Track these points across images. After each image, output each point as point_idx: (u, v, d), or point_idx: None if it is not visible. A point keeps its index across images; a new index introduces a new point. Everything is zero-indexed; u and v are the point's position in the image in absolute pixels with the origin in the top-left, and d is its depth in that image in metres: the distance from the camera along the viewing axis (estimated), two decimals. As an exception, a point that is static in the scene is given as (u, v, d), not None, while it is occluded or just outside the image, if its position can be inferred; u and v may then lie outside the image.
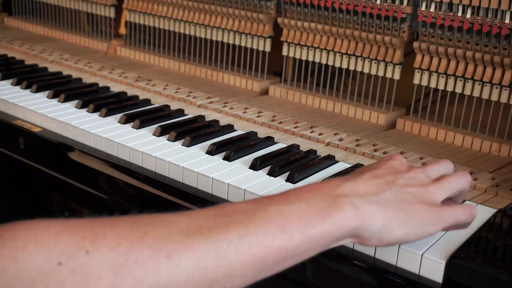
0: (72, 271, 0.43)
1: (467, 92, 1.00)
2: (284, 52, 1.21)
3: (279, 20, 1.19)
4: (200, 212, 0.52)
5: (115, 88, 1.23)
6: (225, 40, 1.29)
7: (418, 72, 1.05)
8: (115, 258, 0.45)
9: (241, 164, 0.87)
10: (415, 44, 1.03)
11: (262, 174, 0.84)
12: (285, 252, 0.51)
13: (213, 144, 0.91)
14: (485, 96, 0.98)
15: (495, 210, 0.76)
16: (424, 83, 1.04)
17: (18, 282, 0.43)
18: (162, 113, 1.06)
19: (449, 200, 0.66)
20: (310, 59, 1.17)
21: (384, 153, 0.94)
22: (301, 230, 0.52)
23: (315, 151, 0.93)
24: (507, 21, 0.92)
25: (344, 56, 1.13)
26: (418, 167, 0.65)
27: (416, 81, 1.05)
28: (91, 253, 0.44)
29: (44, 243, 0.44)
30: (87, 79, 1.29)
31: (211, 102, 1.15)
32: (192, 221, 0.49)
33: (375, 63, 1.09)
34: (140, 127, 0.99)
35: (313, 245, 0.53)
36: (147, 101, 1.14)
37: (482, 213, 0.76)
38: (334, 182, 0.58)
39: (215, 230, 0.49)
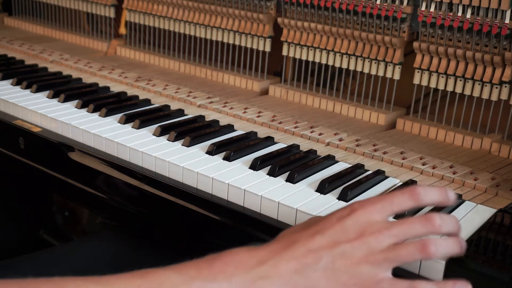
0: None
1: (467, 92, 1.00)
2: (284, 52, 1.21)
3: (279, 20, 1.19)
4: (123, 282, 0.51)
5: (115, 88, 1.23)
6: (225, 40, 1.29)
7: (418, 72, 1.05)
8: None
9: (241, 164, 0.87)
10: (415, 44, 1.03)
11: (262, 174, 0.84)
12: None
13: (213, 144, 0.91)
14: (485, 96, 0.98)
15: (495, 210, 0.76)
16: (424, 83, 1.04)
17: None
18: (162, 113, 1.06)
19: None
20: (310, 59, 1.17)
21: (384, 153, 0.94)
22: None
23: (315, 151, 0.93)
24: (507, 21, 0.92)
25: (344, 56, 1.13)
26: (381, 229, 0.57)
27: (416, 81, 1.05)
28: None
29: None
30: (87, 79, 1.29)
31: (211, 102, 1.15)
32: (96, 285, 0.49)
33: (375, 63, 1.09)
34: (140, 127, 0.99)
35: None
36: (147, 101, 1.14)
37: (482, 213, 0.76)
38: (260, 254, 0.57)
39: None
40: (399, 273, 0.66)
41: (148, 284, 0.51)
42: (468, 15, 0.95)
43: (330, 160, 0.90)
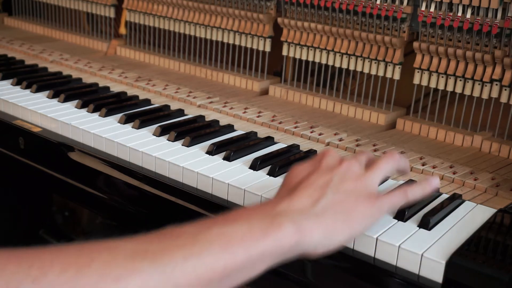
0: None
1: (467, 92, 1.00)
2: (284, 52, 1.21)
3: (279, 20, 1.19)
4: (144, 237, 0.52)
5: (115, 88, 1.23)
6: (225, 40, 1.29)
7: (418, 72, 1.05)
8: (62, 285, 0.45)
9: (241, 164, 0.87)
10: (415, 44, 1.03)
11: (262, 174, 0.84)
12: (230, 271, 0.53)
13: (213, 144, 0.91)
14: (485, 96, 0.98)
15: (495, 210, 0.76)
16: (424, 83, 1.04)
17: None
18: (162, 113, 1.06)
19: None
20: (310, 59, 1.17)
21: (384, 153, 0.94)
22: (244, 249, 0.53)
23: (315, 151, 0.93)
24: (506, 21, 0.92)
25: (344, 56, 1.13)
26: (350, 157, 0.68)
27: (416, 81, 1.05)
28: (38, 281, 0.45)
29: None
30: (87, 79, 1.29)
31: (211, 102, 1.15)
32: (137, 245, 0.50)
33: (375, 63, 1.09)
34: (140, 127, 0.99)
35: (256, 264, 0.55)
36: (147, 101, 1.14)
37: (482, 213, 0.76)
38: (272, 202, 0.61)
39: (160, 253, 0.50)
40: (400, 272, 0.66)
41: (168, 240, 0.52)
42: (468, 15, 0.95)
43: (330, 160, 0.89)
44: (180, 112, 1.09)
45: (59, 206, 1.55)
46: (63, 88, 1.17)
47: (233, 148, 0.90)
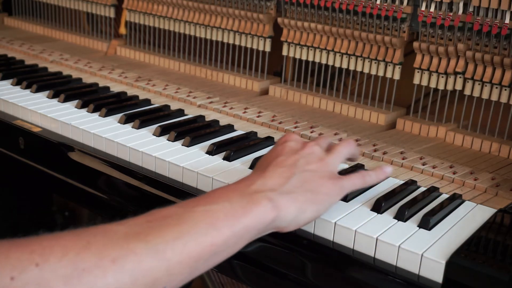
0: (24, 284, 0.46)
1: (467, 92, 1.00)
2: (284, 52, 1.21)
3: (279, 20, 1.19)
4: (133, 220, 0.56)
5: (115, 88, 1.23)
6: (225, 40, 1.29)
7: (418, 72, 1.05)
8: (64, 268, 0.48)
9: (241, 164, 0.87)
10: (415, 44, 1.03)
11: (262, 174, 0.84)
12: (216, 247, 0.57)
13: (213, 144, 0.91)
14: (485, 96, 0.98)
15: (495, 210, 0.76)
16: (424, 83, 1.04)
17: None
18: (162, 113, 1.06)
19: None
20: (310, 59, 1.17)
21: (384, 153, 0.94)
22: (228, 226, 0.58)
23: (315, 151, 0.93)
24: (507, 21, 0.92)
25: (344, 56, 1.13)
26: (311, 141, 0.73)
27: (416, 81, 1.05)
28: (41, 266, 0.47)
29: None
30: (87, 79, 1.29)
31: (211, 102, 1.15)
32: (129, 228, 0.54)
33: (375, 63, 1.09)
34: (140, 127, 0.99)
35: (239, 239, 0.59)
36: (147, 101, 1.14)
37: (482, 213, 0.76)
38: (247, 181, 0.65)
39: (151, 234, 0.53)
40: (400, 272, 0.66)
41: (157, 221, 0.56)
42: (461, 12, 0.95)
43: (330, 160, 0.89)
44: (180, 112, 1.09)
45: (59, 206, 1.56)
46: (63, 88, 1.17)
47: (233, 148, 0.90)
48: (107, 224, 0.54)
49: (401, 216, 0.72)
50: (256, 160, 0.86)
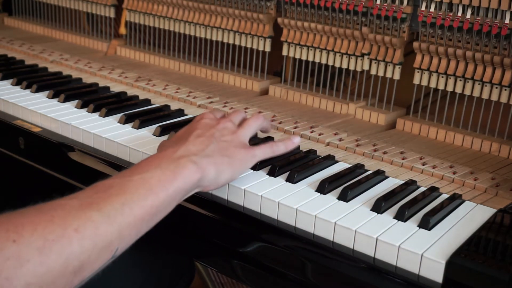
0: (6, 259, 0.52)
1: (467, 92, 1.00)
2: (284, 52, 1.21)
3: (279, 20, 1.19)
4: (82, 193, 0.63)
5: (115, 88, 1.23)
6: (225, 40, 1.29)
7: (418, 72, 1.05)
8: (36, 241, 0.54)
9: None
10: (415, 44, 1.03)
11: (262, 174, 0.84)
12: (156, 209, 0.65)
13: (213, 144, 0.91)
14: (485, 96, 0.98)
15: (495, 210, 0.76)
16: (424, 83, 1.04)
17: None
18: (162, 113, 1.06)
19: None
20: (310, 59, 1.17)
21: (384, 153, 0.94)
22: (163, 190, 0.66)
23: (315, 151, 0.93)
24: (507, 21, 0.92)
25: (344, 56, 1.13)
26: (224, 118, 0.83)
27: (416, 81, 1.05)
28: (18, 241, 0.53)
29: None
30: (87, 79, 1.29)
31: (211, 102, 1.15)
32: (82, 200, 0.61)
33: (375, 63, 1.09)
34: (140, 127, 0.99)
35: (172, 200, 0.68)
36: (147, 101, 1.14)
37: (482, 213, 0.76)
38: (171, 149, 0.73)
39: (101, 203, 0.61)
40: (400, 272, 0.66)
41: (103, 192, 0.63)
42: (468, 15, 0.95)
43: (330, 160, 0.90)
44: (180, 112, 1.09)
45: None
46: (63, 88, 1.17)
47: (233, 148, 0.89)
48: (60, 199, 0.61)
49: (401, 216, 0.72)
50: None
